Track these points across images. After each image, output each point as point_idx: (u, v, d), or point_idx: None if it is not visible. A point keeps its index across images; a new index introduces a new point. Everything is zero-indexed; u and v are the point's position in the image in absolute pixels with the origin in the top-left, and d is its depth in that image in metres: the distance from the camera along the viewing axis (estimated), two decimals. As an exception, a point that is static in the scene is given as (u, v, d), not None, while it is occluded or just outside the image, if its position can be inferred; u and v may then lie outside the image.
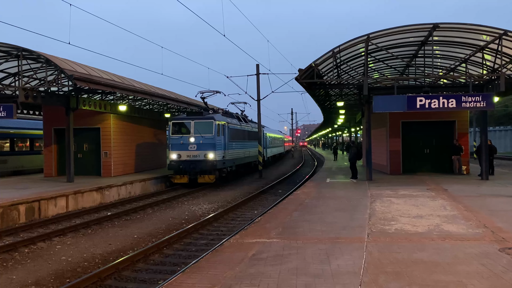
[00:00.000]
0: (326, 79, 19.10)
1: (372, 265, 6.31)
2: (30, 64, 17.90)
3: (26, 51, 16.17)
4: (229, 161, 23.90)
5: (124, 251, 10.12)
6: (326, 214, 10.63)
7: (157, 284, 7.59)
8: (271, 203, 16.68)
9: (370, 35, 15.70)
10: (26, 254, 9.96)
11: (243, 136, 27.86)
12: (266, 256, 6.96)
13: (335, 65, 17.89)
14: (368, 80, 17.48)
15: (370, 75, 21.14)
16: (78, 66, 17.30)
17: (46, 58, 16.03)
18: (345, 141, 65.30)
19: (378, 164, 24.22)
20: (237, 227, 12.51)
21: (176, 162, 21.59)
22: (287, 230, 8.98)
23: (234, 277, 5.90)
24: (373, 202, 12.43)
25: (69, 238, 11.47)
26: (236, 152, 25.65)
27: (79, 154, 22.86)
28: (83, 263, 9.16)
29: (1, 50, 16.90)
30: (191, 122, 21.95)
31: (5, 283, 7.96)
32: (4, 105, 16.17)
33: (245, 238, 8.34)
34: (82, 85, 16.75)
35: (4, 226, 12.85)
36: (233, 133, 24.89)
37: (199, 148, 21.54)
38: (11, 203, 13.32)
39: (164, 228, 12.70)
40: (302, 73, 16.83)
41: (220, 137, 22.33)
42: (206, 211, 15.58)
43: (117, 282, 8.00)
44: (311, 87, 19.80)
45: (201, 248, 10.27)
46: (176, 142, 21.95)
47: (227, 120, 23.97)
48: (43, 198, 14.60)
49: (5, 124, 25.16)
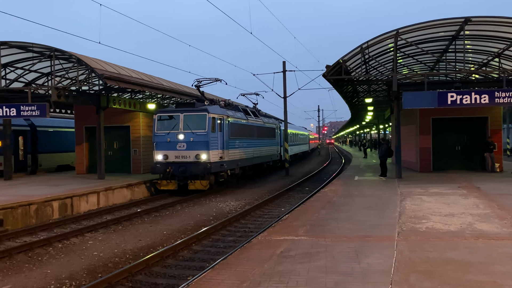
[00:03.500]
0: (354, 75, 18.88)
1: (403, 264, 6.20)
2: (62, 64, 18.40)
3: (58, 51, 16.60)
4: (230, 163, 20.05)
5: (154, 247, 10.28)
6: (354, 212, 10.53)
7: (186, 280, 7.68)
8: (298, 200, 16.63)
9: (399, 30, 15.43)
10: (59, 249, 10.24)
11: (252, 133, 23.86)
12: (294, 253, 6.94)
13: (363, 61, 17.67)
14: (397, 76, 17.20)
15: (399, 70, 20.79)
16: (108, 65, 17.65)
17: (77, 58, 16.41)
18: (373, 138, 64.38)
19: (407, 161, 23.81)
20: (265, 224, 12.53)
21: (162, 165, 18.00)
22: (315, 228, 8.94)
23: (263, 274, 5.91)
24: (403, 200, 12.23)
25: (101, 234, 11.73)
26: (241, 151, 21.75)
27: (110, 152, 23.32)
28: (114, 259, 9.35)
29: (34, 51, 17.42)
30: (179, 115, 18.12)
31: (40, 276, 8.21)
32: (38, 104, 16.65)
33: (273, 235, 8.35)
34: (112, 84, 17.08)
35: (39, 221, 13.26)
36: (236, 129, 21.09)
37: (190, 147, 17.82)
38: (45, 199, 13.73)
39: (192, 224, 12.84)
40: (329, 69, 16.69)
41: (216, 134, 18.52)
42: (234, 208, 15.66)
43: (147, 277, 8.13)
44: (339, 84, 19.62)
45: (229, 245, 10.34)
46: (162, 140, 18.22)
47: (227, 113, 20.12)
48: (75, 194, 14.98)
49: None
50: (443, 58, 18.90)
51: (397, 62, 17.12)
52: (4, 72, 18.37)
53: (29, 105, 16.70)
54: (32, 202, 13.22)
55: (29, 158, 24.67)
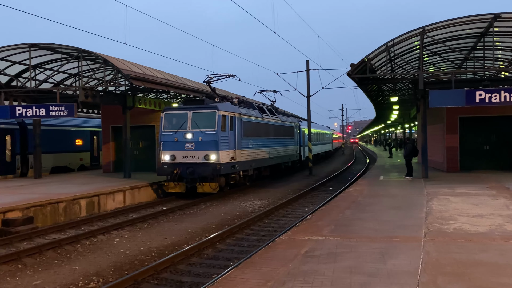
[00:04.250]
0: (379, 74, 18.67)
1: (430, 266, 6.10)
2: (89, 64, 18.78)
3: (86, 53, 16.94)
4: (242, 164, 18.87)
5: (179, 245, 10.38)
6: (380, 213, 10.41)
7: (211, 278, 7.74)
8: (322, 200, 16.54)
9: (425, 28, 15.17)
10: (87, 246, 10.46)
11: (267, 132, 22.52)
12: (319, 253, 6.91)
13: (388, 59, 17.44)
14: (424, 74, 16.90)
15: (425, 69, 20.43)
16: (134, 66, 17.93)
17: (104, 59, 16.72)
18: (398, 138, 63.43)
19: (434, 161, 23.39)
20: (288, 224, 12.51)
21: (169, 166, 17.03)
22: (339, 228, 8.87)
23: (287, 274, 5.91)
24: (429, 201, 12.02)
25: (127, 231, 11.92)
26: (255, 152, 20.47)
27: (135, 151, 23.68)
28: (140, 256, 9.49)
29: (63, 52, 17.84)
30: (187, 113, 17.04)
31: (69, 273, 8.41)
32: (66, 104, 17.04)
33: (297, 235, 8.33)
34: (138, 84, 17.35)
35: (67, 219, 13.58)
36: (249, 128, 19.81)
37: (198, 147, 16.74)
38: (73, 197, 14.04)
39: (216, 223, 12.92)
40: (354, 68, 16.54)
41: (227, 133, 17.32)
42: (257, 207, 15.69)
43: (172, 275, 8.22)
44: (363, 82, 19.43)
45: (253, 244, 10.36)
46: (169, 139, 17.17)
47: (239, 110, 18.87)
48: (102, 193, 15.28)
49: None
50: (471, 55, 18.48)
51: (423, 60, 16.83)
52: (34, 73, 18.87)
53: (57, 105, 17.11)
54: (60, 200, 13.55)
55: (18, 159, 22.76)
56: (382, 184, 16.83)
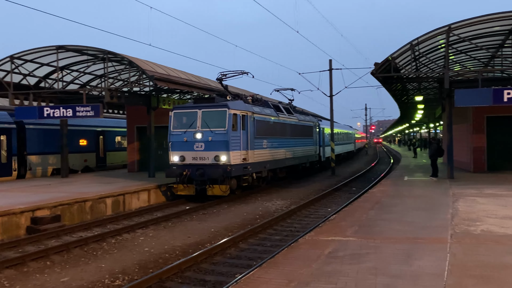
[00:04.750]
0: (404, 73, 18.42)
1: (457, 268, 6.00)
2: (115, 66, 19.10)
3: (111, 54, 17.24)
4: (256, 165, 17.95)
5: (202, 244, 10.48)
6: (404, 213, 10.28)
7: (234, 277, 7.78)
8: (345, 201, 16.42)
9: (451, 26, 14.90)
10: (112, 244, 10.65)
11: (283, 131, 21.56)
12: (342, 254, 6.87)
13: (413, 58, 17.19)
14: (449, 72, 16.60)
15: (451, 67, 20.06)
16: (158, 67, 18.16)
17: (129, 60, 16.98)
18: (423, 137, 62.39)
19: (459, 161, 22.94)
20: (311, 224, 12.47)
21: (178, 167, 16.35)
22: (363, 228, 8.80)
23: (311, 274, 5.90)
24: (455, 202, 11.81)
25: (151, 230, 12.09)
26: (270, 152, 19.53)
27: (159, 151, 23.96)
28: (164, 255, 9.61)
29: (89, 54, 18.19)
30: (197, 112, 16.34)
31: (95, 270, 8.59)
32: (92, 105, 17.38)
33: (320, 235, 8.30)
34: (162, 85, 17.56)
35: (93, 217, 13.86)
36: (264, 127, 18.87)
37: (208, 148, 16.01)
38: (99, 196, 14.32)
39: (239, 222, 12.97)
40: (378, 67, 16.37)
41: (238, 132, 16.44)
42: (280, 207, 15.68)
43: (196, 274, 8.30)
44: (388, 81, 19.21)
45: (275, 244, 10.37)
46: (178, 139, 16.48)
47: (253, 109, 17.96)
48: (127, 192, 15.53)
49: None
50: (499, 53, 18.06)
51: (448, 59, 16.54)
52: (61, 74, 19.30)
53: (84, 106, 17.46)
54: (87, 199, 13.84)
55: (15, 160, 21.29)
56: (406, 184, 16.60)
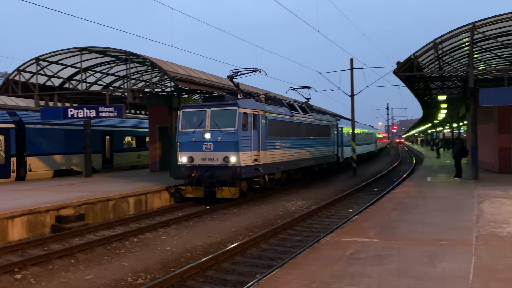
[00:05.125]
0: (427, 72, 18.13)
1: (483, 270, 5.87)
2: (137, 67, 19.32)
3: (134, 55, 17.45)
4: (268, 166, 17.19)
5: (223, 243, 10.51)
6: (427, 215, 10.12)
7: (255, 277, 7.79)
8: (367, 201, 16.26)
9: (476, 24, 14.59)
10: (135, 243, 10.78)
11: (298, 131, 20.72)
12: (365, 255, 6.80)
13: (436, 57, 16.91)
14: (474, 71, 16.26)
15: (475, 66, 19.67)
16: (179, 68, 18.31)
17: (151, 61, 17.17)
18: (446, 138, 61.28)
19: (484, 162, 22.45)
20: (332, 225, 12.38)
21: (187, 168, 15.71)
22: (386, 230, 8.70)
23: (333, 276, 5.86)
24: (480, 203, 11.56)
25: (173, 229, 12.19)
26: (283, 153, 18.71)
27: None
28: (185, 254, 9.68)
29: (111, 55, 18.46)
30: (206, 111, 15.68)
31: (118, 268, 8.71)
32: (115, 106, 17.64)
33: (342, 236, 8.24)
34: (183, 85, 17.69)
35: (116, 216, 14.06)
36: (277, 127, 18.07)
37: (217, 148, 15.35)
38: (122, 195, 14.51)
39: (259, 222, 12.98)
40: (400, 66, 16.15)
41: (249, 132, 15.73)
42: (300, 207, 15.63)
43: (217, 273, 8.34)
44: (410, 81, 18.93)
45: (296, 244, 10.33)
46: (186, 139, 15.83)
47: (265, 108, 17.19)
48: (149, 191, 15.70)
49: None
50: (526, 51, 17.60)
51: (473, 57, 16.21)
52: (84, 75, 19.65)
53: (107, 107, 17.73)
54: (110, 198, 14.05)
55: (13, 161, 20.40)
56: (429, 185, 16.34)
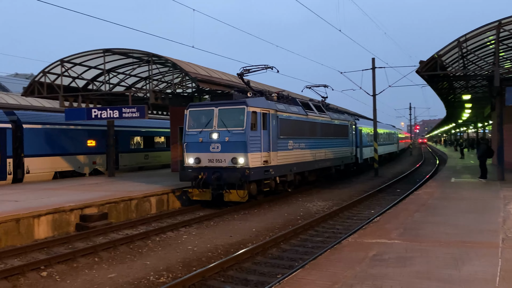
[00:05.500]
0: (450, 71, 17.81)
1: (510, 274, 5.74)
2: (159, 68, 19.54)
3: (156, 57, 17.65)
4: (279, 168, 16.37)
5: (244, 243, 10.54)
6: (452, 216, 9.94)
7: (276, 277, 7.78)
8: (389, 202, 16.06)
9: (501, 21, 14.27)
10: (157, 242, 10.89)
11: (313, 131, 19.85)
12: (387, 257, 6.73)
13: (460, 55, 16.60)
14: (500, 70, 15.90)
15: (501, 64, 19.22)
16: (200, 68, 18.43)
17: (172, 63, 17.34)
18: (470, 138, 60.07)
19: (510, 162, 21.91)
20: (354, 226, 12.28)
21: (194, 170, 15.17)
22: (409, 231, 8.58)
23: (355, 277, 5.81)
24: (507, 204, 11.30)
25: (194, 229, 12.28)
26: (297, 154, 17.89)
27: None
28: (207, 253, 9.74)
29: (134, 57, 18.70)
30: (213, 110, 15.09)
31: (141, 267, 8.81)
32: (137, 107, 17.88)
33: (364, 237, 8.16)
34: (204, 86, 17.80)
35: (138, 215, 14.23)
36: (289, 126, 17.27)
37: (225, 149, 14.71)
38: (144, 195, 14.69)
39: (280, 223, 12.96)
40: (423, 65, 15.91)
41: (258, 132, 15.03)
42: (321, 208, 15.54)
43: (238, 273, 8.36)
44: (433, 80, 18.63)
45: (317, 245, 10.28)
46: (193, 140, 15.28)
47: (276, 106, 16.44)
48: (171, 191, 15.83)
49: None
50: (555, 49, 17.13)
51: (499, 55, 15.85)
52: (107, 77, 19.96)
53: (129, 107, 17.98)
54: (132, 197, 14.23)
55: (9, 163, 19.29)
56: (454, 186, 16.05)
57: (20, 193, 15.18)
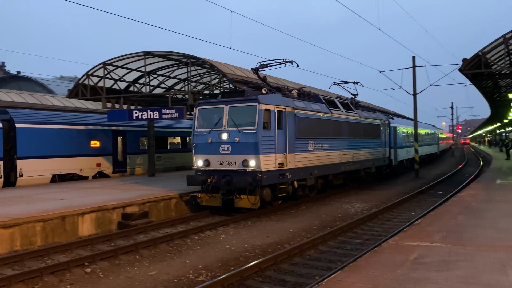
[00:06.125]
0: (496, 69, 17.16)
1: (562, 281, 5.47)
2: (197, 70, 19.82)
3: (194, 59, 17.92)
4: (297, 171, 15.06)
5: (281, 244, 10.53)
6: (497, 220, 9.57)
7: (314, 279, 7.72)
8: (431, 204, 15.64)
9: (552, 16, 13.63)
10: (196, 241, 11.05)
11: (338, 131, 18.24)
12: (429, 260, 6.55)
13: (506, 53, 15.99)
14: (550, 67, 15.21)
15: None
16: (237, 69, 18.56)
17: (210, 64, 17.55)
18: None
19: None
20: (394, 228, 12.02)
21: (203, 173, 14.10)
22: (452, 234, 8.33)
23: (396, 280, 5.69)
24: (557, 208, 10.77)
25: (232, 228, 12.37)
26: (318, 156, 16.49)
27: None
28: (244, 253, 9.79)
29: (173, 59, 19.06)
30: (223, 107, 13.91)
31: (180, 265, 8.97)
32: (177, 108, 18.21)
33: (405, 240, 7.98)
34: (241, 87, 17.89)
35: (177, 214, 14.48)
36: (309, 125, 15.82)
37: (235, 151, 13.54)
38: (182, 193, 14.93)
39: (317, 224, 12.86)
40: (466, 63, 15.42)
41: (272, 132, 13.77)
42: (359, 210, 15.32)
43: (276, 273, 8.35)
44: (477, 78, 18.01)
45: (356, 247, 10.14)
46: (202, 140, 14.14)
47: (293, 104, 15.04)
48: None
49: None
50: None
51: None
52: (148, 79, 20.43)
53: (169, 109, 18.33)
54: (172, 196, 14.50)
55: (1, 165, 18.04)
56: (499, 188, 15.44)
57: (65, 192, 15.77)
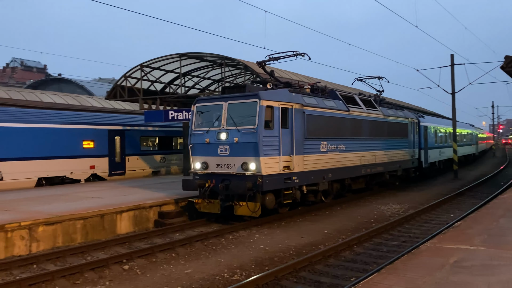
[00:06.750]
0: (541, 66, 16.45)
1: None
2: (231, 70, 19.97)
3: (228, 59, 18.06)
4: (307, 175, 13.60)
5: (316, 245, 10.46)
6: (543, 223, 9.18)
7: (349, 281, 7.64)
8: (470, 206, 15.17)
9: None
10: (230, 240, 11.13)
11: (357, 130, 16.54)
12: (470, 264, 6.36)
13: (552, 49, 15.31)
14: None
15: None
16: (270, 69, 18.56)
17: (244, 65, 17.64)
18: None
19: None
20: (432, 230, 11.73)
21: (200, 177, 12.78)
22: (494, 238, 8.05)
23: (435, 283, 5.56)
24: None
25: (266, 228, 12.38)
26: (333, 157, 15.03)
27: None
28: (279, 253, 9.78)
29: (208, 60, 19.27)
30: (222, 105, 12.53)
31: (215, 264, 9.06)
32: (211, 108, 18.35)
33: (444, 243, 7.78)
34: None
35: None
36: (321, 124, 14.35)
37: (234, 152, 12.18)
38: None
39: (352, 225, 12.71)
40: (509, 60, 14.87)
41: (276, 131, 12.33)
42: (396, 211, 15.03)
43: (310, 274, 8.31)
44: (520, 76, 17.34)
45: (392, 250, 9.96)
46: (199, 140, 12.81)
47: (302, 100, 13.54)
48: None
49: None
50: None
51: None
52: (183, 80, 20.73)
53: (203, 109, 18.50)
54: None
55: None
56: (544, 191, 14.82)
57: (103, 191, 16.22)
